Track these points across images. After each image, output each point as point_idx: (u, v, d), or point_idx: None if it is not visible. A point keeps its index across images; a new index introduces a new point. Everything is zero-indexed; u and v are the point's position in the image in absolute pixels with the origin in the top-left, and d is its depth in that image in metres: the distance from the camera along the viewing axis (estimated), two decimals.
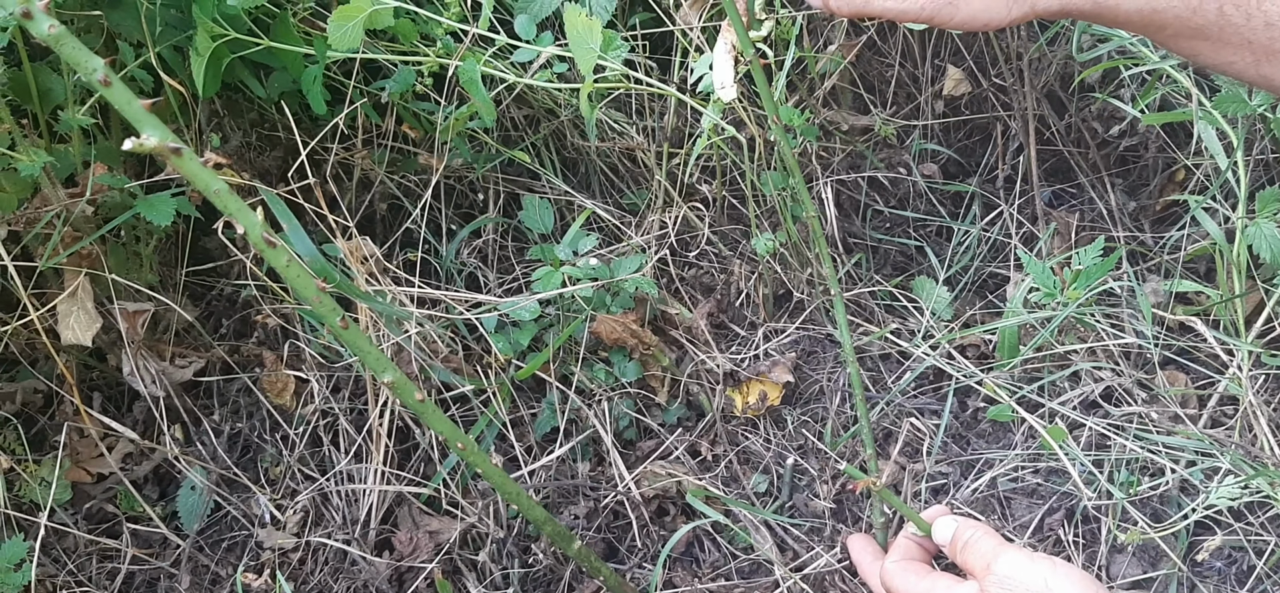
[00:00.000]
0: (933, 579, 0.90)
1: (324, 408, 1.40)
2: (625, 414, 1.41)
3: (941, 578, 0.90)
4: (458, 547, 1.31)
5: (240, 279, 1.53)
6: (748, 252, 1.58)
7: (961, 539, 0.90)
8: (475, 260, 1.59)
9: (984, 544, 0.87)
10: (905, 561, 0.94)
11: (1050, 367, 1.36)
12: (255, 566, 1.34)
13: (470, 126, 1.50)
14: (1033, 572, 0.82)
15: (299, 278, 0.82)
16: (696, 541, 1.34)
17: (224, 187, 0.78)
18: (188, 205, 1.29)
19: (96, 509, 1.41)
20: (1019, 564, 0.84)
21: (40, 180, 1.22)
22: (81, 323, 1.28)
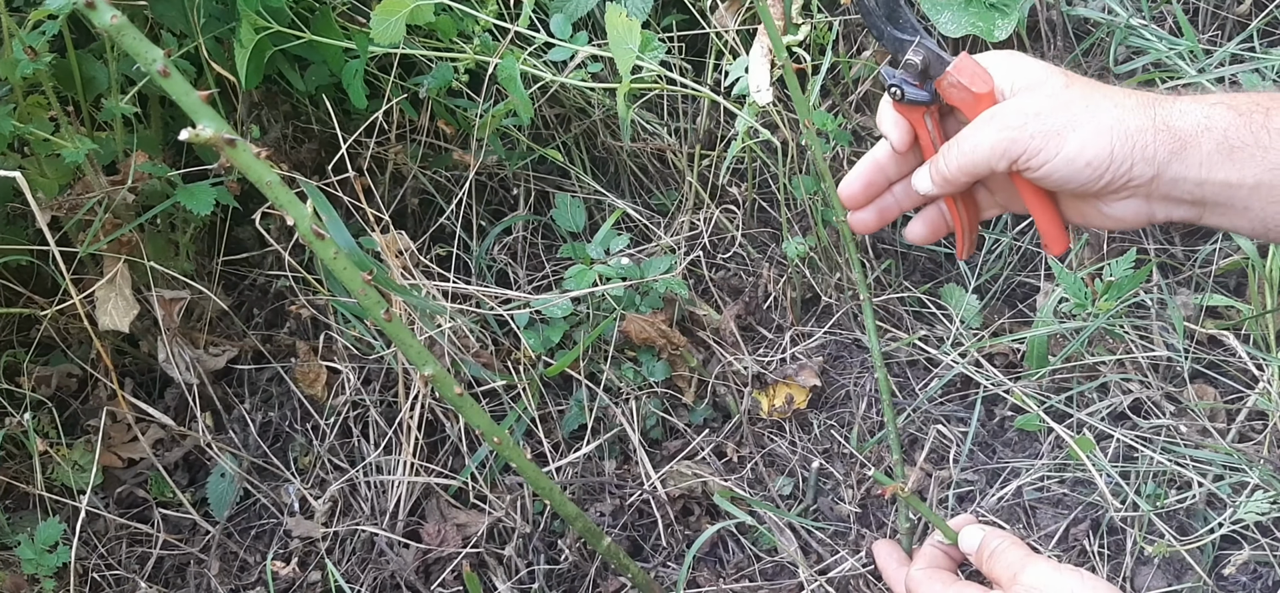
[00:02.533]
0: (959, 588, 0.90)
1: (355, 399, 1.42)
2: (652, 413, 1.42)
3: (967, 587, 0.89)
4: (485, 540, 1.32)
5: (274, 270, 1.54)
6: (776, 255, 1.59)
7: (988, 548, 0.89)
8: (505, 257, 1.60)
9: (1011, 554, 0.87)
10: (931, 568, 0.93)
11: (1079, 378, 1.36)
12: (284, 553, 1.35)
13: (504, 124, 1.51)
14: (1059, 583, 0.82)
15: (345, 270, 0.83)
16: (721, 541, 1.35)
17: (276, 178, 0.79)
18: (227, 195, 1.31)
19: (127, 494, 1.43)
20: (1046, 575, 0.83)
21: (83, 167, 1.23)
22: (119, 309, 1.30)
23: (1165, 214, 0.84)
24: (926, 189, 0.89)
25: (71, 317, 1.41)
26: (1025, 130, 0.81)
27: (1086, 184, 0.81)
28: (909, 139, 0.89)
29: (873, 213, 0.96)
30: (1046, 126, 0.80)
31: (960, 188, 0.88)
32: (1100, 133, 0.79)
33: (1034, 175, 0.82)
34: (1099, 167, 0.80)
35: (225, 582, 1.33)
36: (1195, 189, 0.80)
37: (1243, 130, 0.79)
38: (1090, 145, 0.80)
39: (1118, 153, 0.80)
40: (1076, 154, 0.80)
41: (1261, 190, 0.79)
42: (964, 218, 0.92)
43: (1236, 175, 0.79)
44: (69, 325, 1.43)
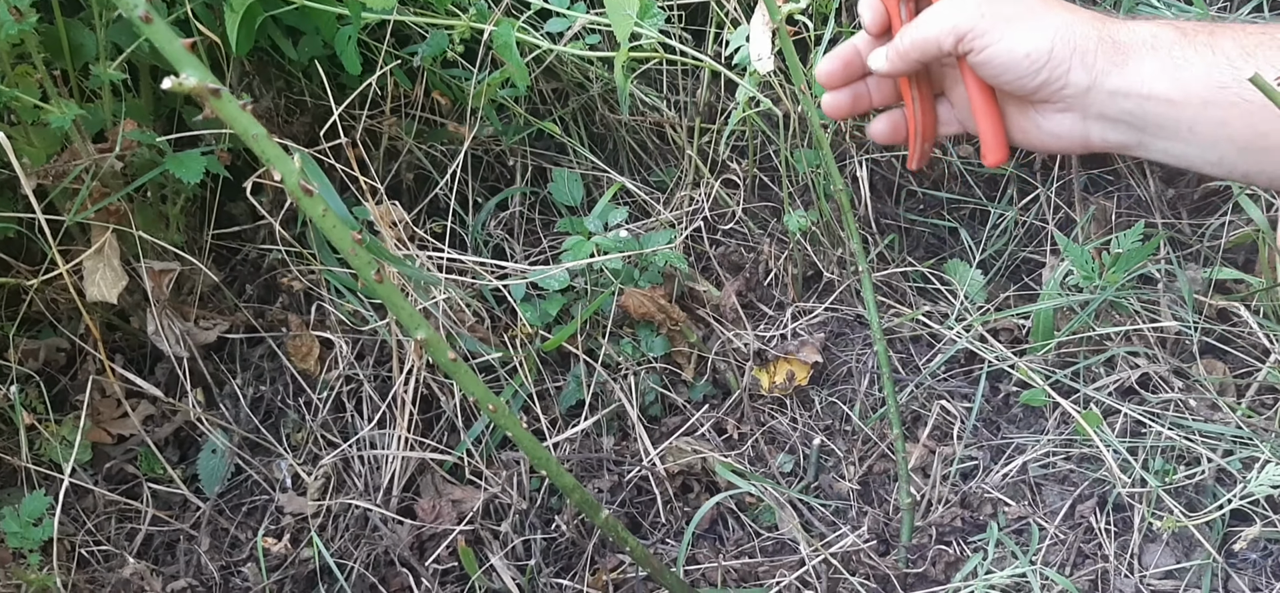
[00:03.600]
0: None
1: (348, 373, 1.39)
2: (651, 389, 1.39)
3: None
4: (481, 517, 1.30)
5: (266, 244, 1.52)
6: (777, 231, 1.56)
7: None
8: (502, 233, 1.57)
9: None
10: None
11: (1085, 352, 1.34)
12: (276, 530, 1.33)
13: (500, 96, 1.49)
14: None
15: (334, 228, 0.81)
16: (721, 518, 1.32)
17: (262, 131, 0.76)
18: (217, 164, 1.28)
19: (117, 470, 1.40)
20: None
21: (70, 134, 1.21)
22: (107, 280, 1.27)
23: (1101, 136, 0.85)
24: (879, 66, 0.91)
25: (60, 290, 1.39)
26: (976, 11, 0.83)
27: (1024, 78, 0.83)
28: (882, 22, 0.91)
29: (847, 96, 0.97)
30: (997, 12, 0.83)
31: (912, 66, 0.89)
32: (1044, 29, 0.81)
33: (976, 59, 0.84)
34: (1038, 59, 0.82)
35: (216, 559, 1.31)
36: (1136, 107, 0.81)
37: (1187, 49, 0.79)
38: (1031, 36, 0.81)
39: (1057, 51, 0.81)
40: (1017, 43, 0.82)
41: (1208, 109, 0.79)
42: (919, 122, 0.94)
43: (1179, 92, 0.79)
44: (58, 299, 1.41)
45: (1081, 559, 1.23)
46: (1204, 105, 0.79)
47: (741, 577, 1.24)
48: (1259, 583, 1.18)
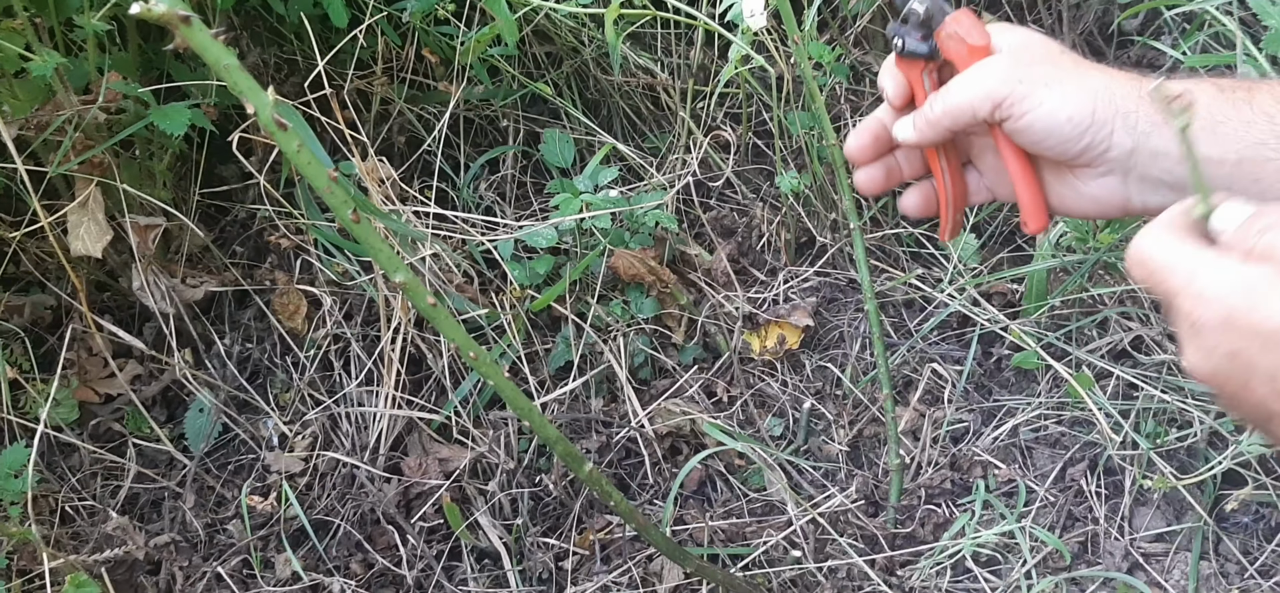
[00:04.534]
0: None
1: (336, 332, 1.38)
2: (641, 351, 1.38)
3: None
4: (467, 475, 1.29)
5: (255, 204, 1.50)
6: (770, 195, 1.55)
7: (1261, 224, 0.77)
8: (493, 195, 1.56)
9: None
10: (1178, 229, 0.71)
11: (1078, 314, 1.32)
12: (262, 488, 1.32)
13: (491, 55, 1.47)
14: None
15: (309, 165, 0.79)
16: (709, 480, 1.31)
17: (234, 62, 0.75)
18: (202, 118, 1.27)
19: (103, 428, 1.40)
20: None
21: (53, 84, 1.19)
22: (91, 234, 1.26)
23: (1142, 200, 0.81)
24: (906, 136, 0.86)
25: (48, 252, 1.38)
26: (1012, 76, 0.79)
27: (1067, 142, 0.79)
28: (905, 95, 0.87)
29: (880, 171, 0.92)
30: (1033, 76, 0.79)
31: (942, 135, 0.85)
32: (1085, 91, 0.78)
33: (1015, 125, 0.80)
34: (1081, 123, 0.78)
35: (201, 516, 1.30)
36: (1176, 167, 0.77)
37: (1225, 106, 0.76)
38: (1073, 99, 0.78)
39: (1100, 113, 0.78)
40: (1059, 107, 0.78)
41: (1244, 166, 0.75)
42: (949, 192, 0.90)
43: (1218, 151, 0.76)
44: (44, 261, 1.39)
45: (1071, 522, 1.22)
46: (1239, 163, 0.77)
47: (729, 537, 1.23)
48: (1249, 546, 1.17)
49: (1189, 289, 0.62)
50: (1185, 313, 0.63)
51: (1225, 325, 0.61)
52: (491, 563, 1.26)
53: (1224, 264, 0.62)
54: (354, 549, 1.27)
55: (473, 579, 1.23)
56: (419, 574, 1.23)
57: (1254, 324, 0.60)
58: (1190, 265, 0.63)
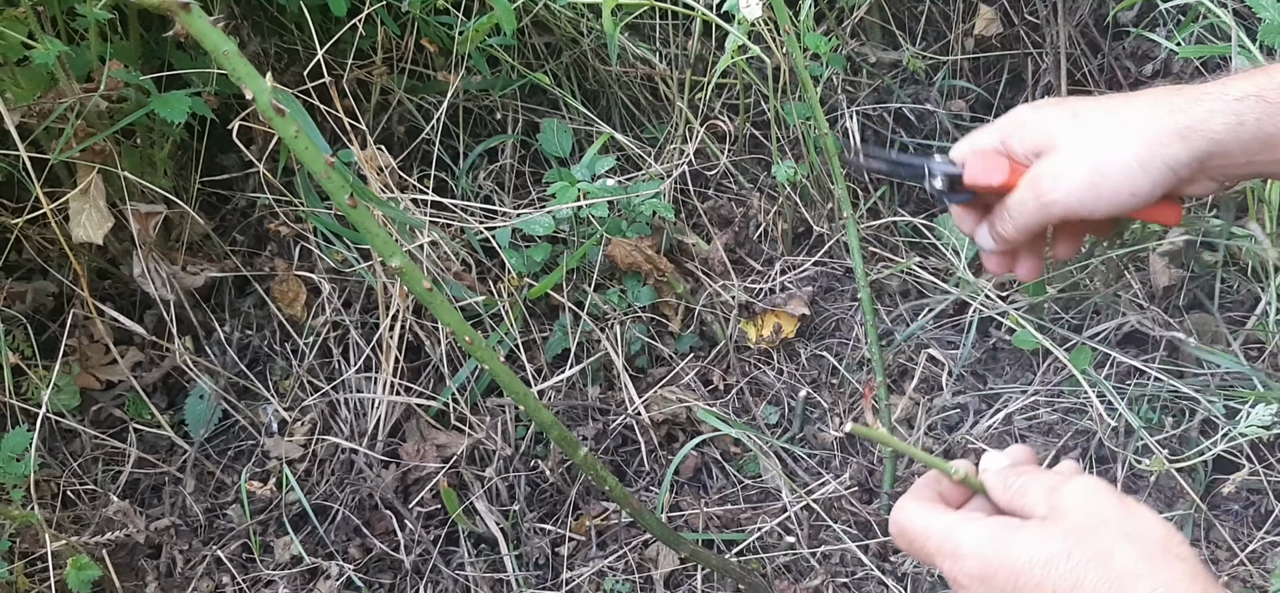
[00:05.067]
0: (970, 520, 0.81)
1: (335, 319, 1.39)
2: (638, 338, 1.39)
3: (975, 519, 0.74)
4: (465, 461, 1.30)
5: (255, 192, 1.51)
6: (768, 185, 1.56)
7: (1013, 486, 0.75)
8: (492, 184, 1.57)
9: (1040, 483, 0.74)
10: (928, 502, 0.77)
11: (1075, 303, 1.33)
12: (261, 473, 1.33)
13: (489, 44, 1.48)
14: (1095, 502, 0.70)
15: (306, 150, 0.80)
16: (705, 467, 1.32)
17: (233, 48, 0.76)
18: (202, 106, 1.28)
19: (104, 414, 1.41)
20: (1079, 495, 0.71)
21: (55, 72, 1.20)
22: (93, 221, 1.27)
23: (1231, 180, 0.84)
24: (989, 246, 0.90)
25: (49, 240, 1.39)
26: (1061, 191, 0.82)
27: (1138, 207, 0.82)
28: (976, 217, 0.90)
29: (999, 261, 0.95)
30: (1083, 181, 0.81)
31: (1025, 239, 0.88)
32: (1135, 169, 0.80)
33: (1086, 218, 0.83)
34: (1144, 194, 0.81)
35: (201, 501, 1.31)
36: (1243, 169, 0.81)
37: (1277, 119, 0.79)
38: (1129, 182, 0.80)
39: (1157, 178, 0.81)
40: (1117, 191, 0.81)
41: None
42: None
43: (1277, 157, 0.79)
44: (46, 242, 1.40)
45: None
46: None
47: (724, 523, 1.24)
48: (1240, 533, 1.18)
49: (944, 550, 0.69)
50: (947, 573, 0.69)
51: (982, 579, 0.66)
52: (489, 548, 1.27)
53: (975, 523, 0.68)
54: (352, 534, 1.28)
55: (470, 564, 1.24)
56: (417, 559, 1.24)
57: (1004, 568, 0.65)
58: (943, 527, 0.69)
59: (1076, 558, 0.64)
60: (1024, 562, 0.65)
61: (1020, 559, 0.66)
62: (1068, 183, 0.83)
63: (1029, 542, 0.66)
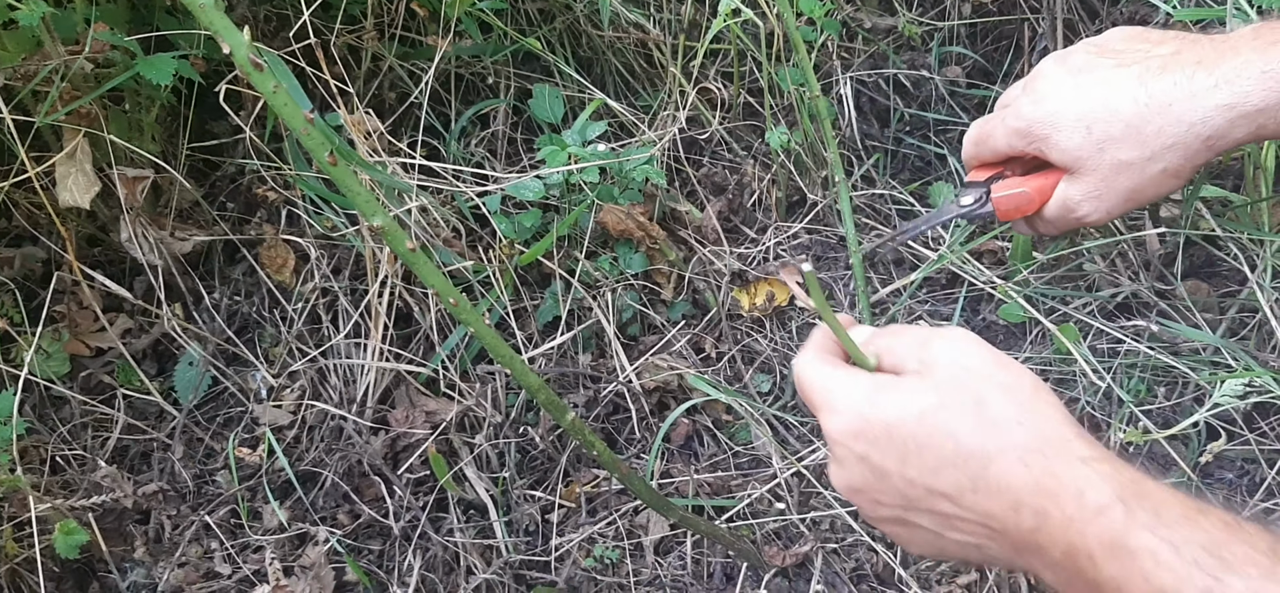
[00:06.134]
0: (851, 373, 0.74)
1: (324, 286, 1.38)
2: (629, 306, 1.38)
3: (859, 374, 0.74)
4: (454, 428, 1.29)
5: (245, 158, 1.50)
6: (761, 153, 1.55)
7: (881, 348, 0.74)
8: (484, 151, 1.56)
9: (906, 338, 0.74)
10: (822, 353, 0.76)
11: (1067, 271, 1.32)
12: (250, 439, 1.33)
13: (480, 9, 1.47)
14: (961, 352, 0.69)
15: (286, 106, 0.79)
16: (696, 435, 1.32)
17: (209, 1, 0.75)
18: (189, 68, 1.27)
19: (94, 380, 1.40)
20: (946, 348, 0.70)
21: (40, 34, 1.19)
22: (79, 185, 1.26)
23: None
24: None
25: (38, 205, 1.38)
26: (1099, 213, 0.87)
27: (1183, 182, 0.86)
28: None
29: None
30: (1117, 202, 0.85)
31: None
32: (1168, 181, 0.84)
33: None
34: (1186, 176, 0.84)
35: (190, 467, 1.31)
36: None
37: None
38: (1161, 191, 0.84)
39: (1186, 178, 0.84)
40: (1152, 199, 0.86)
41: None
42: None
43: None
44: (34, 208, 1.40)
45: None
46: None
47: (714, 489, 1.24)
48: (1233, 501, 1.17)
49: (824, 404, 0.69)
50: (825, 429, 0.70)
51: (855, 434, 0.66)
52: (478, 514, 1.26)
53: (853, 379, 0.68)
54: (341, 500, 1.28)
55: (459, 530, 1.24)
56: (406, 525, 1.24)
57: (876, 423, 0.65)
58: (827, 384, 0.69)
59: (950, 409, 0.64)
60: (897, 417, 0.65)
61: (893, 414, 0.65)
62: (1105, 205, 0.87)
63: (902, 397, 0.66)
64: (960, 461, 0.64)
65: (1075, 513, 0.59)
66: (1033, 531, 0.61)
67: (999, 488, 0.62)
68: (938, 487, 0.65)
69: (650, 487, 1.14)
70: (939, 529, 0.67)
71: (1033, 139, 0.87)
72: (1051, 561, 0.61)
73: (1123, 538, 0.57)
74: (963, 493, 0.64)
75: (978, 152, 0.94)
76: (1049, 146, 0.86)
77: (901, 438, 0.65)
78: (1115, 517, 0.57)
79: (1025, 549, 0.62)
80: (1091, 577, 0.58)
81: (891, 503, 0.68)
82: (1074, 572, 0.60)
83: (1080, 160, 0.85)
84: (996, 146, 0.91)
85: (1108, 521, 0.57)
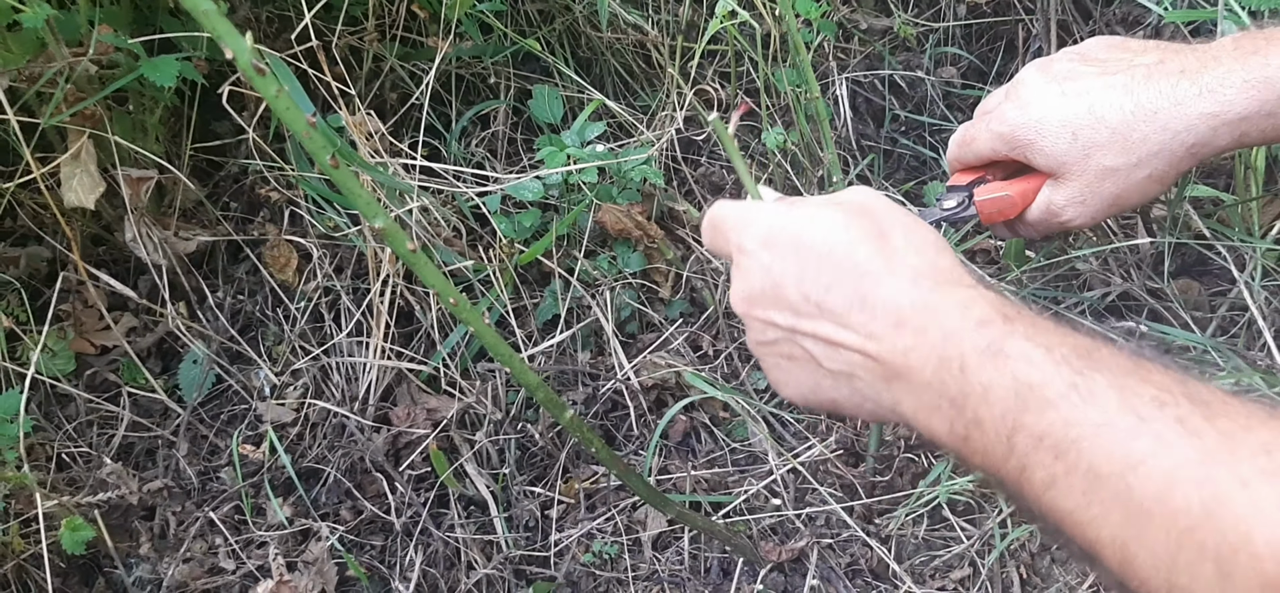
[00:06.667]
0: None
1: (326, 285, 1.40)
2: (627, 304, 1.40)
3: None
4: (455, 425, 1.31)
5: (248, 158, 1.52)
6: (759, 153, 1.56)
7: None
8: (484, 152, 1.57)
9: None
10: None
11: (1059, 270, 1.34)
12: (254, 437, 1.34)
13: (480, 10, 1.48)
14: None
15: (288, 110, 0.81)
16: (693, 432, 1.33)
17: (212, 7, 0.76)
18: (192, 70, 1.28)
19: (99, 378, 1.42)
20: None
21: (44, 35, 1.21)
22: (84, 185, 1.28)
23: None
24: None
25: (43, 205, 1.40)
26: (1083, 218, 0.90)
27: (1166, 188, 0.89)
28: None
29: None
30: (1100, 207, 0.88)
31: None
32: (1152, 186, 0.86)
33: None
34: (1169, 182, 0.87)
35: (194, 463, 1.33)
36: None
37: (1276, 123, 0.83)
38: (1145, 196, 0.87)
39: (1169, 183, 0.87)
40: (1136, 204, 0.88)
41: None
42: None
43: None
44: (39, 208, 1.41)
45: None
46: None
47: (711, 486, 1.25)
48: None
49: (738, 224, 0.75)
50: (735, 245, 0.75)
51: (766, 242, 0.71)
52: (479, 510, 1.28)
53: (767, 203, 0.76)
54: (344, 497, 1.29)
55: (460, 526, 1.25)
56: (407, 521, 1.26)
57: (785, 233, 0.71)
58: (742, 209, 0.76)
59: (855, 230, 0.69)
60: (805, 222, 0.70)
61: (802, 219, 0.70)
62: (1089, 211, 0.89)
63: (812, 211, 0.71)
64: (854, 277, 0.67)
65: (955, 326, 0.61)
66: (907, 350, 0.63)
67: (885, 306, 0.65)
68: (827, 303, 0.68)
69: (647, 483, 1.16)
70: (818, 358, 0.70)
71: (1017, 144, 0.89)
72: (918, 383, 0.63)
73: (999, 343, 0.59)
74: (850, 310, 0.67)
75: (961, 154, 0.97)
76: (1034, 152, 0.88)
77: (805, 247, 0.69)
78: (994, 328, 0.59)
79: (894, 376, 0.65)
80: (956, 390, 0.60)
81: (780, 325, 0.71)
82: (938, 390, 0.62)
83: (1065, 166, 0.87)
84: (980, 151, 0.94)
85: (986, 331, 0.59)
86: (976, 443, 0.59)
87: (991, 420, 0.57)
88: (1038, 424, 0.55)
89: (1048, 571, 1.15)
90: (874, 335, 0.65)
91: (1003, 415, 0.57)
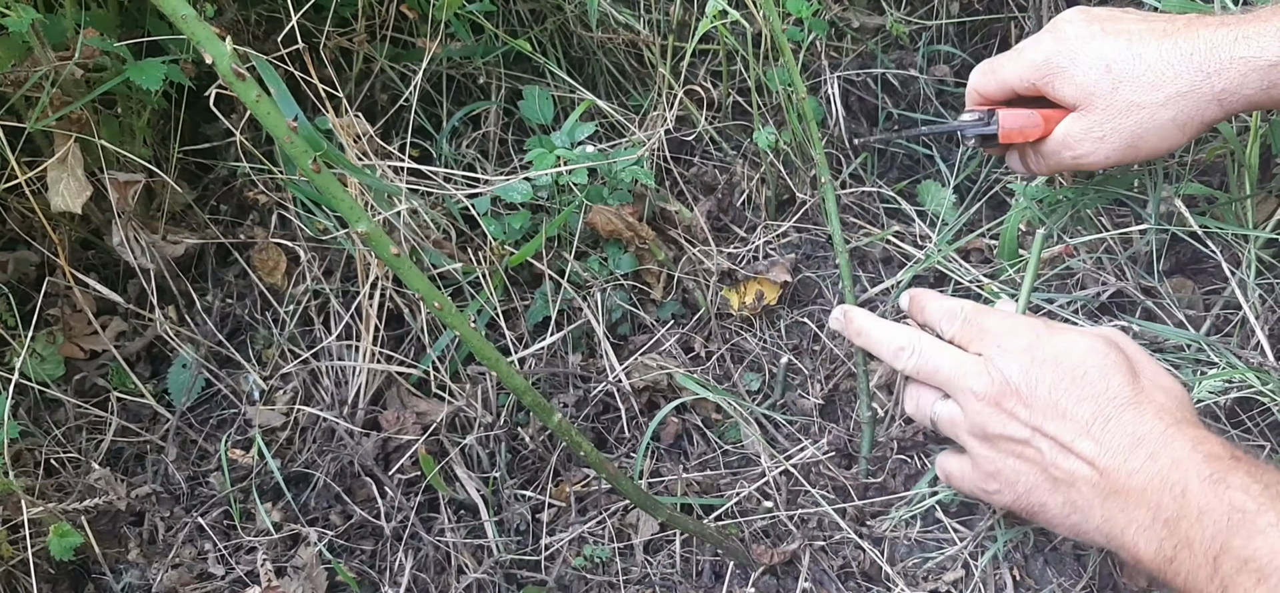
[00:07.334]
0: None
1: (315, 288, 1.39)
2: (619, 306, 1.39)
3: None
4: (445, 429, 1.30)
5: (236, 161, 1.51)
6: (751, 152, 1.55)
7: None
8: (474, 153, 1.57)
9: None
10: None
11: (1053, 268, 1.33)
12: (243, 441, 1.34)
13: (470, 11, 1.47)
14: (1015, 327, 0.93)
15: (269, 114, 0.80)
16: (685, 434, 1.33)
17: (191, 12, 0.76)
18: (179, 73, 1.28)
19: (87, 383, 1.41)
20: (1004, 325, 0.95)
21: (29, 40, 1.20)
22: (71, 190, 1.27)
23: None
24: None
25: (30, 210, 1.39)
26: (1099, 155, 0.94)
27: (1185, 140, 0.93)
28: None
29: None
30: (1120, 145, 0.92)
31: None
32: (1173, 132, 0.90)
33: None
34: (1178, 147, 0.92)
35: (183, 468, 1.32)
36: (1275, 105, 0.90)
37: None
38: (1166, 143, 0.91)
39: (1192, 134, 0.90)
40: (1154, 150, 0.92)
41: None
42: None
43: None
44: (27, 212, 1.40)
45: None
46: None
47: (703, 488, 1.25)
48: None
49: (1003, 330, 0.91)
50: (993, 344, 0.91)
51: (1026, 348, 0.87)
52: (469, 514, 1.27)
53: (1031, 319, 0.93)
54: (333, 501, 1.29)
55: (450, 530, 1.25)
56: (397, 525, 1.25)
57: (1049, 346, 0.87)
58: (1007, 320, 0.94)
59: (1110, 360, 0.81)
60: (1067, 344, 0.85)
61: (1064, 340, 0.86)
62: (1106, 147, 0.91)
63: (1073, 335, 0.86)
64: (1104, 398, 0.78)
65: (1185, 456, 0.70)
66: (1134, 471, 0.72)
67: (1126, 429, 0.75)
68: (1073, 413, 0.78)
69: (638, 486, 1.15)
70: (1046, 459, 0.79)
71: (1049, 71, 0.92)
72: (1136, 502, 0.71)
73: (1222, 474, 0.67)
74: (1093, 423, 0.77)
75: (983, 82, 0.99)
76: (1064, 80, 0.90)
77: (1063, 363, 0.81)
78: (1221, 463, 0.67)
79: (1113, 492, 0.74)
80: (1172, 512, 0.68)
81: (1023, 421, 0.81)
82: (1154, 512, 0.70)
83: (1092, 97, 0.89)
84: (1005, 78, 0.96)
85: (1213, 465, 0.67)
86: (1182, 563, 0.65)
87: (1201, 541, 0.64)
88: (1245, 548, 0.61)
89: (1041, 572, 1.14)
90: (1108, 450, 0.75)
91: (1213, 537, 0.63)
